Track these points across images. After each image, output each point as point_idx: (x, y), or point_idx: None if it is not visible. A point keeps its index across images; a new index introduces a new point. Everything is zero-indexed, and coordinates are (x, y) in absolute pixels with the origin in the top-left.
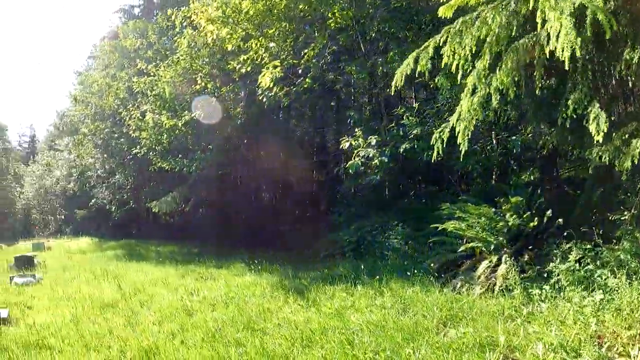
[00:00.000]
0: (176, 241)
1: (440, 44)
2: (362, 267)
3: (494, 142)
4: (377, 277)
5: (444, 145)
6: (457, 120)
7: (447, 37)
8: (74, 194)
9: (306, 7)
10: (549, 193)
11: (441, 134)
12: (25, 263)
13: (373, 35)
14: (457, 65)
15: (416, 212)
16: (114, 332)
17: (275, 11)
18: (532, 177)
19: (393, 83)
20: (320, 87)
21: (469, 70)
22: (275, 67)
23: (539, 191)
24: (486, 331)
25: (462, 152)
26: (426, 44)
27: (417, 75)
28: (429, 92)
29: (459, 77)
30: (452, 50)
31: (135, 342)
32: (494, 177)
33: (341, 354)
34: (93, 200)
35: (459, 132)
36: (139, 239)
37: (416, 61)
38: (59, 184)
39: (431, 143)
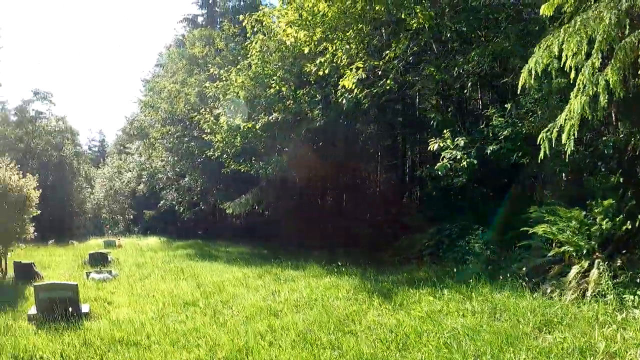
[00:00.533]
0: (244, 242)
1: (561, 42)
2: (446, 271)
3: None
4: (464, 281)
5: (552, 145)
6: (565, 119)
7: (565, 35)
8: (143, 195)
9: (382, 9)
10: (636, 195)
11: (548, 133)
12: (99, 260)
13: (448, 35)
14: (570, 64)
15: (497, 216)
16: (201, 331)
17: (351, 12)
18: (620, 180)
19: (520, 80)
20: (398, 89)
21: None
22: (358, 68)
23: (629, 194)
24: (583, 337)
25: (568, 152)
26: (548, 42)
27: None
28: (494, 94)
29: (571, 76)
30: (569, 48)
31: (226, 342)
32: (565, 178)
33: (441, 358)
34: (162, 202)
35: (564, 132)
36: (206, 239)
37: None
38: (128, 185)
39: (538, 143)
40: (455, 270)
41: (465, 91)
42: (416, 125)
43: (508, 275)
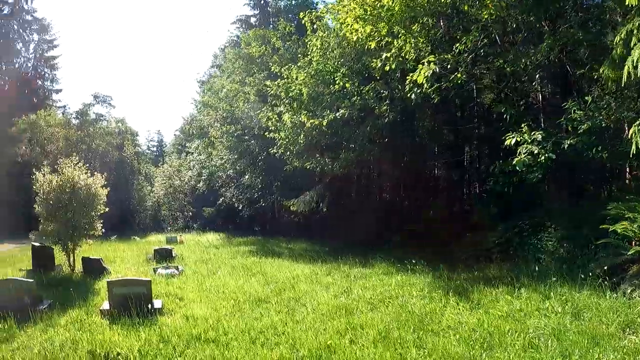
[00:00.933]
0: (303, 239)
1: None
2: (520, 269)
3: None
4: (541, 280)
5: None
6: None
7: None
8: (202, 193)
9: (447, 1)
10: None
11: None
12: (164, 255)
13: (514, 26)
14: None
15: (568, 213)
16: (279, 328)
17: (414, 4)
18: None
19: (624, 72)
20: (465, 82)
21: None
22: (429, 62)
23: None
24: None
25: None
26: None
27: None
28: (554, 85)
29: None
30: None
31: (305, 339)
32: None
33: (528, 358)
34: (221, 199)
35: None
36: (264, 235)
37: None
38: (187, 183)
39: (629, 136)
40: (529, 268)
41: (534, 83)
42: (475, 120)
43: (590, 274)
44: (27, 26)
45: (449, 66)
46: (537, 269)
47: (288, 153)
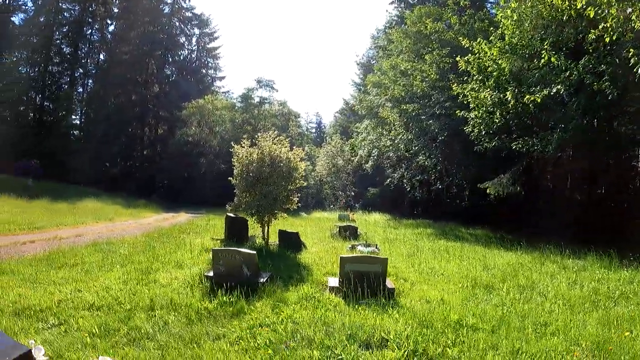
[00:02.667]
0: (473, 224)
1: None
2: None
3: None
4: None
5: None
6: None
7: None
8: (366, 173)
9: None
10: None
11: None
12: (349, 232)
13: None
14: None
15: None
16: (539, 319)
17: None
18: None
19: None
20: None
21: None
22: None
23: None
24: None
25: None
26: None
27: None
28: None
29: None
30: None
31: (580, 332)
32: None
33: None
34: (388, 180)
35: None
36: (431, 219)
37: None
38: (350, 163)
39: None
40: None
41: None
42: None
43: None
44: (187, 22)
45: None
46: None
47: (484, 133)
